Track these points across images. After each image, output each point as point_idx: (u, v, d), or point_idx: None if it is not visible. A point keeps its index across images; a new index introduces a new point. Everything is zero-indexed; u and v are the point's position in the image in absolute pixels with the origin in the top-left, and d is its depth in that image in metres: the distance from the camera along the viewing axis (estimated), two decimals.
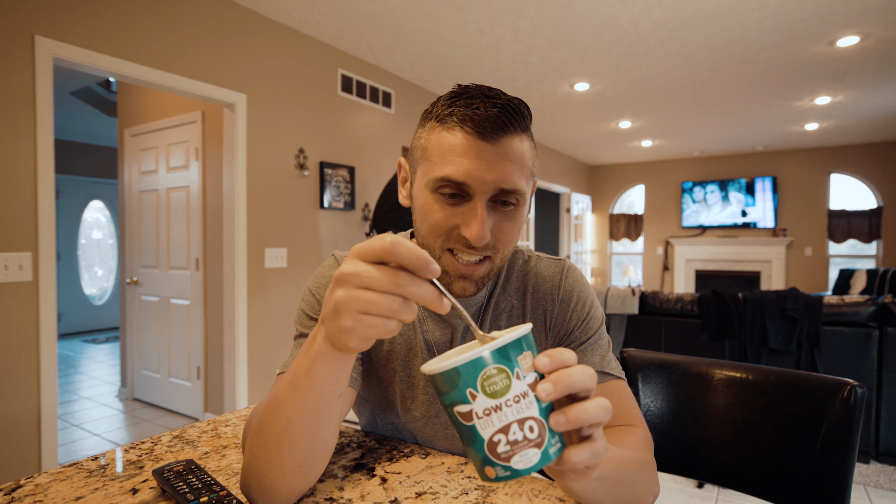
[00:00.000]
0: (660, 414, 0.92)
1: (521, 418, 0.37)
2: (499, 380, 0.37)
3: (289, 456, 0.50)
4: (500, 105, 0.60)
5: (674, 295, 2.93)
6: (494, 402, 0.37)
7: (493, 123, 0.59)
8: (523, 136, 0.63)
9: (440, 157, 0.61)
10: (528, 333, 0.39)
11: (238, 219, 2.86)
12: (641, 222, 8.02)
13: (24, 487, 0.60)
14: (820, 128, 5.61)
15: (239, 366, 2.91)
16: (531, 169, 0.66)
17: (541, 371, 0.39)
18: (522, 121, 0.62)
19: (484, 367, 0.37)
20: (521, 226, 0.67)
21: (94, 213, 6.48)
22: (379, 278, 0.38)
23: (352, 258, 0.40)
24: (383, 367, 0.75)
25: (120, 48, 2.31)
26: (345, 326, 0.40)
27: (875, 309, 2.47)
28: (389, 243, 0.38)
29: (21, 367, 2.03)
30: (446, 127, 0.62)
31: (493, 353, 0.37)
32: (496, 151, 0.60)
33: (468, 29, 3.12)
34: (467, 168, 0.59)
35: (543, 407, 0.38)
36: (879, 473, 2.41)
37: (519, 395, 0.37)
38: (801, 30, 3.08)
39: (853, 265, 6.57)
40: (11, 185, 1.99)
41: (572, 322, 0.74)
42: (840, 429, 0.73)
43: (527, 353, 0.39)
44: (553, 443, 0.38)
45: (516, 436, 0.37)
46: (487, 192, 0.60)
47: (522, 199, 0.64)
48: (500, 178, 0.60)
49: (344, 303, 0.39)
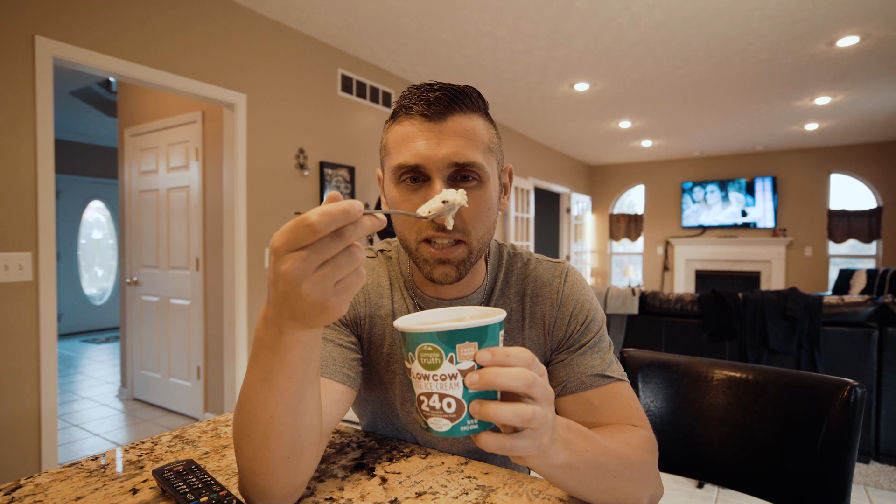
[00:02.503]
0: (660, 414, 0.92)
1: (442, 393, 0.43)
2: (432, 357, 0.43)
3: (276, 450, 0.50)
4: (443, 89, 0.63)
5: (674, 295, 2.93)
6: (425, 372, 0.43)
7: (437, 105, 0.62)
8: (473, 115, 0.65)
9: (395, 148, 0.65)
10: (479, 328, 0.43)
11: (238, 219, 2.86)
12: (641, 222, 8.02)
13: (24, 487, 0.60)
14: (820, 128, 5.61)
15: (239, 366, 2.91)
16: (489, 146, 0.66)
17: (479, 364, 0.42)
18: (469, 101, 0.65)
19: (422, 342, 0.43)
20: (488, 205, 0.66)
21: (94, 213, 6.48)
22: (328, 246, 0.39)
23: (283, 255, 0.39)
24: (384, 370, 0.75)
25: (120, 48, 2.31)
26: (331, 305, 0.40)
27: (875, 309, 2.47)
28: (308, 224, 0.37)
29: (21, 367, 2.04)
30: (397, 121, 0.66)
31: (432, 334, 0.42)
32: (444, 129, 0.63)
33: (468, 29, 3.12)
34: (419, 150, 0.62)
35: (471, 392, 0.43)
36: (879, 473, 2.41)
37: (446, 375, 0.43)
38: (801, 30, 3.08)
39: (853, 265, 6.58)
40: (11, 185, 1.99)
41: (572, 326, 0.74)
42: (840, 429, 0.73)
43: (471, 343, 0.43)
44: (469, 423, 0.43)
45: (435, 404, 0.43)
46: (443, 170, 0.62)
47: (484, 175, 0.65)
48: (451, 153, 0.62)
49: (315, 289, 0.39)
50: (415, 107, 0.63)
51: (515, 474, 0.65)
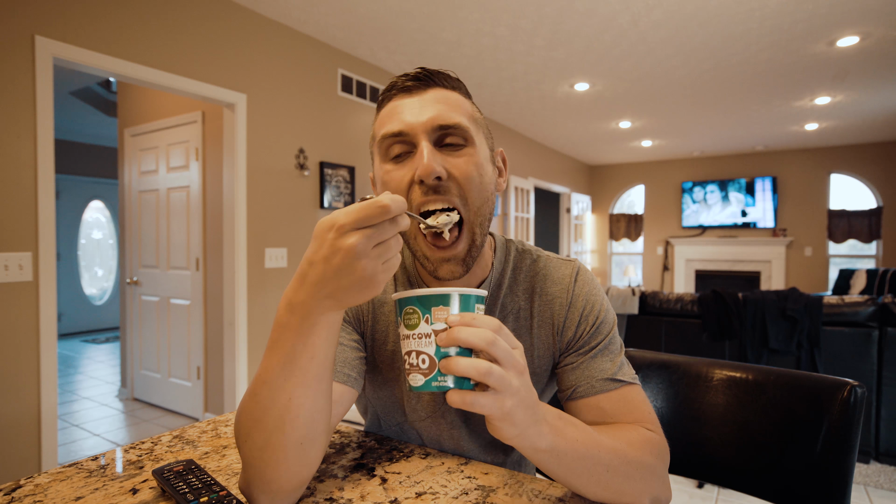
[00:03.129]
0: (660, 414, 0.92)
1: (418, 350, 0.49)
2: (413, 318, 0.50)
3: (291, 434, 0.51)
4: (422, 68, 0.66)
5: (674, 295, 2.93)
6: (407, 332, 0.50)
7: (414, 81, 0.65)
8: (452, 91, 0.67)
9: (380, 126, 0.67)
10: (455, 295, 0.49)
11: (238, 219, 2.86)
12: (641, 222, 8.02)
13: (23, 487, 0.60)
14: (820, 128, 5.61)
15: (239, 366, 2.91)
16: (473, 116, 0.67)
17: (449, 325, 0.48)
18: (447, 79, 0.67)
19: (406, 305, 0.50)
20: (480, 170, 0.65)
21: (95, 213, 6.48)
22: (387, 229, 0.45)
23: (349, 232, 0.44)
24: (388, 368, 0.75)
25: (120, 48, 2.31)
26: (380, 281, 0.46)
27: (875, 309, 2.47)
28: (383, 206, 0.43)
29: (21, 367, 2.04)
30: (380, 109, 0.69)
31: (413, 297, 0.50)
32: (424, 99, 0.64)
33: (468, 29, 3.12)
34: (402, 119, 0.64)
35: (442, 350, 0.48)
36: (879, 473, 2.41)
37: (423, 334, 0.49)
38: (801, 30, 3.08)
39: (853, 265, 6.58)
40: (11, 185, 1.99)
41: (582, 327, 0.72)
42: (840, 429, 0.73)
43: (445, 308, 0.49)
44: (439, 379, 0.48)
45: (413, 361, 0.49)
46: (427, 133, 0.63)
47: (470, 138, 0.65)
48: (434, 115, 0.63)
49: (371, 266, 0.45)
50: (394, 86, 0.66)
51: (515, 474, 0.65)
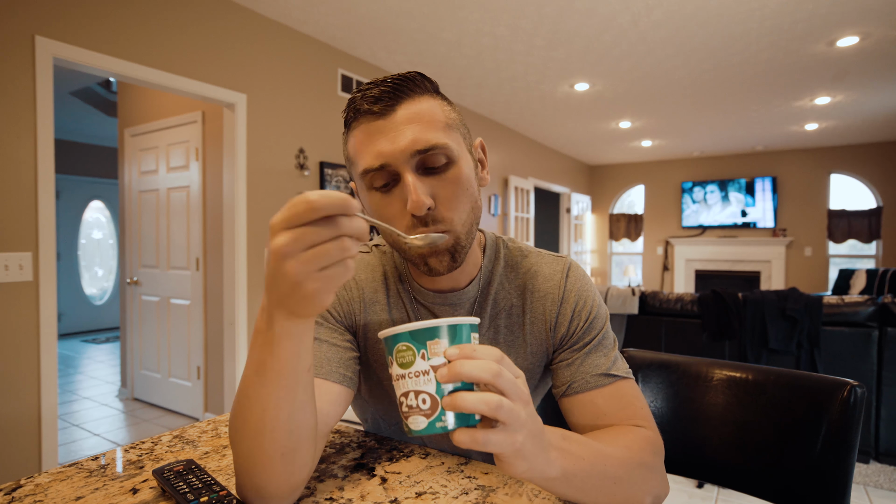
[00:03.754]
0: (660, 414, 0.92)
1: (417, 390, 0.45)
2: (407, 355, 0.46)
3: (270, 445, 0.50)
4: (384, 82, 0.62)
5: (674, 295, 2.93)
6: (402, 371, 0.46)
7: (381, 98, 0.61)
8: (422, 98, 0.63)
9: (357, 155, 0.63)
10: (447, 326, 0.46)
11: (238, 219, 2.86)
12: (641, 222, 8.02)
13: (24, 487, 0.60)
14: (820, 128, 5.61)
15: (239, 366, 2.91)
16: (447, 123, 0.64)
17: (448, 359, 0.45)
18: (413, 86, 0.63)
19: (398, 342, 0.46)
20: (466, 184, 0.64)
21: (95, 213, 6.48)
22: (320, 231, 0.40)
23: (279, 231, 0.40)
24: (382, 367, 0.75)
25: (120, 48, 2.31)
26: (311, 290, 0.41)
27: (875, 309, 2.47)
28: (308, 203, 0.39)
29: (21, 367, 2.04)
30: (350, 130, 0.65)
31: (405, 333, 0.46)
32: (395, 121, 0.61)
33: (468, 29, 3.12)
34: (378, 150, 0.60)
35: (443, 387, 0.45)
36: (879, 473, 2.41)
37: (420, 371, 0.45)
38: (801, 30, 3.08)
39: (853, 265, 6.58)
40: (12, 185, 1.99)
41: (574, 323, 0.73)
42: (840, 429, 0.73)
43: (440, 340, 0.46)
44: (443, 419, 0.45)
45: (412, 402, 0.46)
46: (409, 161, 0.60)
47: (452, 155, 0.62)
48: (410, 141, 0.60)
49: (300, 271, 0.40)
50: (361, 108, 0.62)
51: None
